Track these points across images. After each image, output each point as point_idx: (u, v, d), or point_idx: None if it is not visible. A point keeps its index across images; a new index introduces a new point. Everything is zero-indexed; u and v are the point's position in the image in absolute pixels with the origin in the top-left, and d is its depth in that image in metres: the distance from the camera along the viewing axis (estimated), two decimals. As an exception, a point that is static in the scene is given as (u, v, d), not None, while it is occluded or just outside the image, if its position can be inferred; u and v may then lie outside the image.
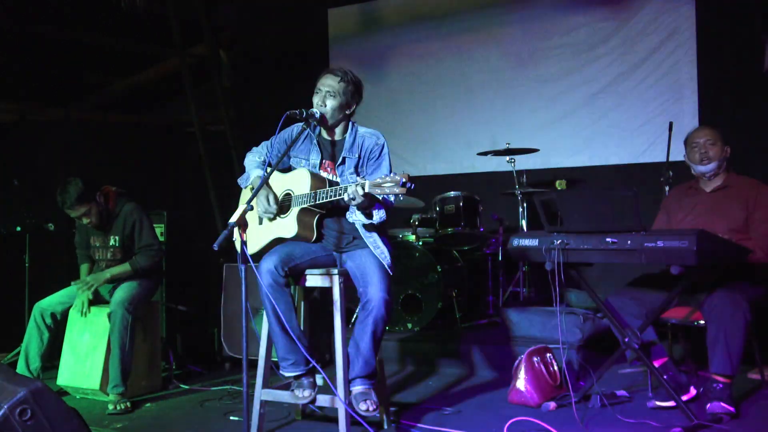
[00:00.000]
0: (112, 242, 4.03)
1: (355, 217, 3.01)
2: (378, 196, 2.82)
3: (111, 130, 6.50)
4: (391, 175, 2.69)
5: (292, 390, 3.06)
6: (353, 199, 2.78)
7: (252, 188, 3.20)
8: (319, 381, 3.16)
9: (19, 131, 5.85)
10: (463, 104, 5.97)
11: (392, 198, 2.90)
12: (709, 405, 3.09)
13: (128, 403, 3.71)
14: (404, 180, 2.65)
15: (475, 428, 3.18)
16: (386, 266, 3.02)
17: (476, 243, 5.11)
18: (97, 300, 4.00)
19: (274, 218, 3.11)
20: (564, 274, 3.18)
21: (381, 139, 3.11)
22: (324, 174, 3.12)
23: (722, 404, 3.07)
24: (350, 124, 3.15)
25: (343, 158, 3.10)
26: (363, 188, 2.74)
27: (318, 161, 3.14)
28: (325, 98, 3.05)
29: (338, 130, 3.14)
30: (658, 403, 3.28)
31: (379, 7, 6.36)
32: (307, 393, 3.02)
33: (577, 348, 3.99)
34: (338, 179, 3.10)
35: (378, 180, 2.71)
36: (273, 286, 2.93)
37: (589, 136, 5.52)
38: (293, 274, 3.06)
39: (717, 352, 3.10)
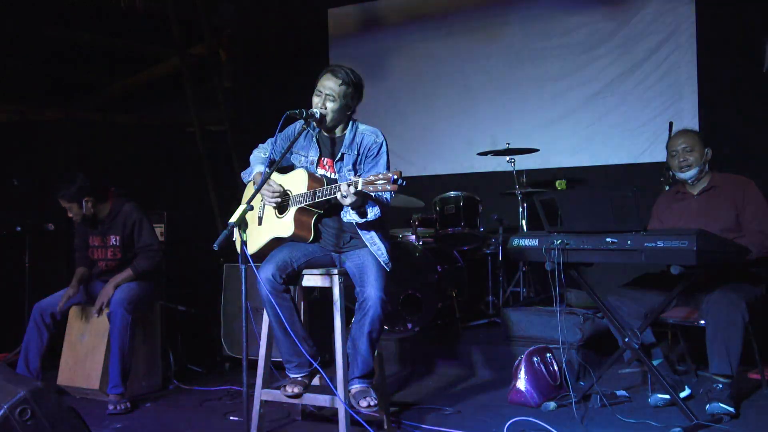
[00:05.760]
0: (112, 242, 4.03)
1: (349, 216, 3.01)
2: (371, 194, 2.83)
3: (111, 130, 6.47)
4: (384, 172, 2.69)
5: (284, 386, 3.06)
6: (345, 197, 2.78)
7: (254, 183, 3.22)
8: (315, 380, 3.16)
9: (19, 131, 5.84)
10: (463, 104, 5.96)
11: (387, 195, 2.90)
12: (708, 406, 3.11)
13: (128, 403, 3.72)
14: (395, 177, 2.65)
15: (475, 428, 3.19)
16: (383, 263, 3.02)
17: (476, 243, 5.11)
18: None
19: (277, 207, 3.11)
20: (564, 274, 3.19)
21: (380, 137, 3.11)
22: (322, 171, 3.13)
23: (721, 405, 3.08)
24: (350, 122, 3.15)
25: (342, 155, 3.10)
26: (355, 186, 2.74)
27: (316, 158, 3.14)
28: (325, 101, 3.05)
29: (338, 129, 3.15)
30: (660, 396, 3.28)
31: (379, 7, 6.36)
32: (297, 389, 3.03)
33: (577, 348, 3.99)
34: (336, 176, 3.11)
35: (371, 177, 2.71)
36: (273, 293, 2.95)
37: (589, 136, 5.52)
38: (291, 279, 3.07)
39: (715, 353, 3.12)
